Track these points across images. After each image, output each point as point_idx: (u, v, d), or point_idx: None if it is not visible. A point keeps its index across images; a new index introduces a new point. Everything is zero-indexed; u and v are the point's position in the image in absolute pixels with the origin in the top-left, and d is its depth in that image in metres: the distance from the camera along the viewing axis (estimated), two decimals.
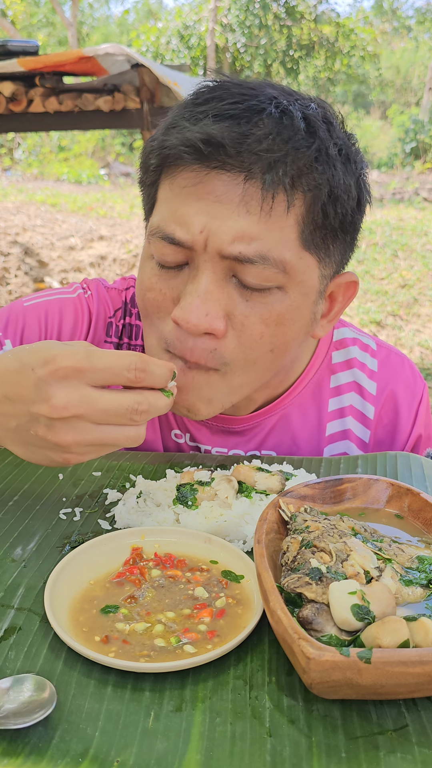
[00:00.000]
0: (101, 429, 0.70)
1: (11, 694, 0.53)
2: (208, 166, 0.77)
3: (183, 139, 0.77)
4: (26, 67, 3.70)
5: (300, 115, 0.78)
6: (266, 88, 0.81)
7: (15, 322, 1.03)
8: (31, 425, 0.70)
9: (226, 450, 1.06)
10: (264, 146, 0.75)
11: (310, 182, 0.78)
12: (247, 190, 0.76)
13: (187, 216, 0.78)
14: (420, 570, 0.62)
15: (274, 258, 0.78)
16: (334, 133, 0.82)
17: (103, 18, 30.58)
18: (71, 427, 0.69)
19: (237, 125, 0.76)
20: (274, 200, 0.77)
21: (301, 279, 0.82)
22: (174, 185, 0.80)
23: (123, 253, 7.46)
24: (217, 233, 0.77)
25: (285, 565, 0.62)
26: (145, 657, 0.57)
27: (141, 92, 3.99)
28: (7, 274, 6.81)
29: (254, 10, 16.69)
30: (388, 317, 6.41)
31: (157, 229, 0.82)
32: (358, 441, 1.08)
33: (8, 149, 16.73)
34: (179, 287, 0.83)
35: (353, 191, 0.83)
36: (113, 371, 0.69)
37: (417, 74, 25.86)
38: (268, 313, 0.82)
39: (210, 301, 0.79)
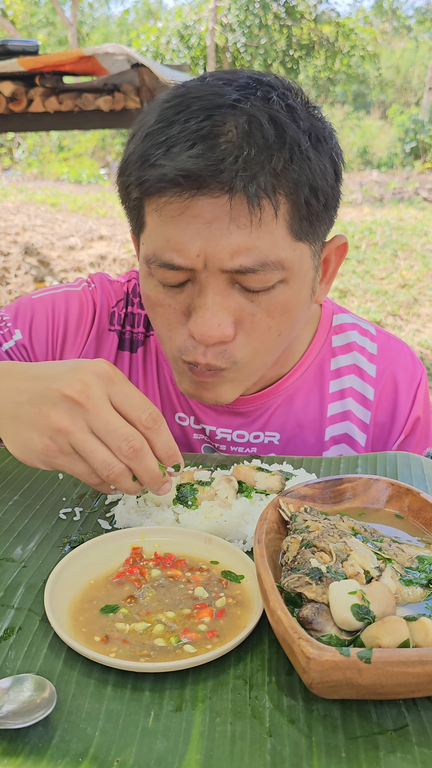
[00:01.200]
0: (91, 436, 0.71)
1: (11, 694, 0.53)
2: (191, 193, 0.78)
3: (160, 175, 0.78)
4: (26, 66, 3.70)
5: (266, 118, 0.78)
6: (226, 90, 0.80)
7: (24, 313, 1.08)
8: (40, 401, 0.73)
9: (231, 431, 1.09)
10: (240, 164, 0.76)
11: (289, 183, 0.80)
12: (234, 207, 0.78)
13: (182, 243, 0.80)
14: (420, 570, 0.62)
15: (273, 261, 0.81)
16: (299, 119, 0.82)
17: (103, 18, 30.59)
18: (71, 415, 0.71)
19: (209, 149, 0.76)
20: (262, 210, 0.78)
21: (299, 267, 0.85)
22: (161, 214, 0.81)
23: (123, 253, 7.46)
24: (214, 254, 0.79)
25: (285, 565, 0.62)
26: (145, 657, 0.57)
27: (141, 92, 3.99)
28: (7, 274, 6.80)
29: (254, 9, 16.69)
30: (388, 317, 6.41)
31: (154, 257, 0.84)
32: (359, 422, 1.11)
33: (8, 149, 16.72)
34: (186, 301, 0.86)
35: (329, 171, 0.85)
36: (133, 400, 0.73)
37: (417, 74, 25.86)
38: (274, 306, 0.85)
39: (219, 312, 0.83)
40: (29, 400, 0.74)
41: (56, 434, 0.71)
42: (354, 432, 1.10)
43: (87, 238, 7.77)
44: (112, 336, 1.11)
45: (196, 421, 1.10)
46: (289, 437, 1.10)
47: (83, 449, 0.71)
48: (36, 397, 0.74)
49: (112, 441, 0.71)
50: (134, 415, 0.72)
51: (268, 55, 17.47)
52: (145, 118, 0.84)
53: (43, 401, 0.73)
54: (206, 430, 1.09)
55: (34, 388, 0.74)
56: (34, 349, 1.07)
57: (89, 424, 0.71)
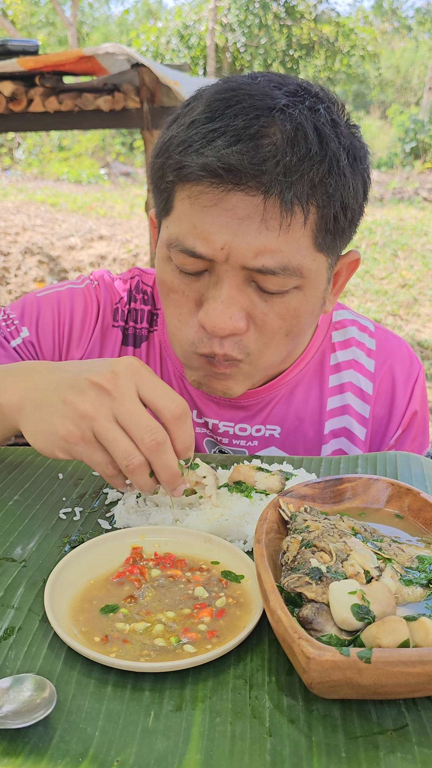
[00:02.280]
0: (114, 424, 0.72)
1: (11, 694, 0.53)
2: (227, 187, 0.79)
3: (202, 164, 0.79)
4: (26, 66, 3.70)
5: (312, 128, 0.80)
6: (276, 94, 0.82)
7: (30, 310, 1.10)
8: (68, 389, 0.74)
9: (233, 424, 1.10)
10: (281, 168, 0.78)
11: (323, 195, 0.82)
12: (267, 208, 0.79)
13: (208, 232, 0.81)
14: (420, 570, 0.62)
15: (294, 267, 0.83)
16: (341, 135, 0.84)
17: (103, 18, 30.59)
18: (97, 402, 0.72)
19: (253, 149, 0.77)
20: (293, 216, 0.80)
21: (315, 277, 0.88)
22: (193, 202, 0.82)
23: (123, 253, 7.46)
24: (239, 250, 0.81)
25: (285, 565, 0.62)
26: (145, 657, 0.57)
27: (141, 92, 3.99)
28: (7, 273, 6.80)
29: (254, 9, 16.69)
30: (388, 317, 6.41)
31: (177, 242, 0.85)
32: (357, 416, 1.12)
33: (8, 149, 16.72)
34: (201, 290, 0.87)
35: (360, 191, 0.88)
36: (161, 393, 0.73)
37: (417, 74, 25.86)
38: (286, 309, 0.87)
39: (233, 306, 0.84)
40: (56, 388, 0.75)
41: (80, 420, 0.72)
42: (353, 426, 1.12)
43: (87, 238, 7.77)
44: (116, 332, 1.12)
45: (198, 414, 1.11)
46: (290, 430, 1.11)
47: (105, 437, 0.71)
48: (64, 385, 0.75)
49: (135, 431, 0.71)
50: (162, 404, 0.73)
51: (268, 55, 17.47)
52: (192, 104, 0.86)
53: (71, 389, 0.73)
54: (209, 424, 1.11)
55: (63, 378, 0.76)
56: (41, 346, 1.09)
57: (114, 413, 0.71)
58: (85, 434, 0.72)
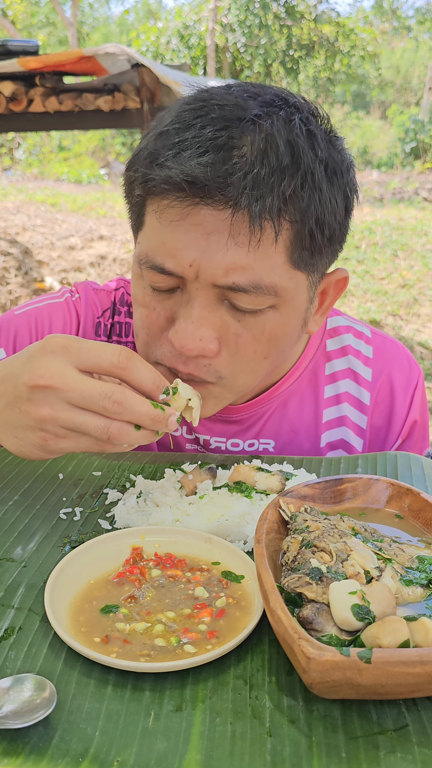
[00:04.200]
0: (75, 410, 0.71)
1: (11, 694, 0.53)
2: (194, 201, 0.77)
3: (165, 177, 0.77)
4: (26, 66, 3.70)
5: (285, 140, 0.77)
6: (250, 104, 0.79)
7: (7, 330, 1.06)
8: (16, 402, 0.73)
9: (225, 439, 1.07)
10: (249, 181, 0.75)
11: (296, 210, 0.78)
12: (235, 223, 0.77)
13: (176, 249, 0.79)
14: (420, 570, 0.62)
15: (266, 285, 0.80)
16: (318, 148, 0.80)
17: (103, 18, 30.59)
18: (47, 402, 0.71)
19: (220, 161, 0.75)
20: (263, 232, 0.77)
21: (292, 296, 0.84)
22: (161, 216, 0.80)
23: (123, 253, 7.46)
24: (208, 267, 0.78)
25: (285, 565, 0.62)
26: (145, 657, 0.57)
27: (141, 92, 3.99)
28: (7, 273, 6.81)
29: (254, 9, 16.68)
30: (388, 317, 6.41)
31: (146, 259, 0.83)
32: (355, 427, 1.09)
33: (8, 149, 16.72)
34: (173, 308, 0.85)
35: (340, 207, 0.84)
36: (96, 352, 0.71)
37: (417, 74, 25.86)
38: (260, 331, 0.84)
39: (203, 326, 0.81)
40: (6, 404, 0.74)
41: (44, 424, 0.71)
42: (350, 437, 1.09)
43: (87, 238, 7.77)
44: None
45: (188, 430, 1.08)
46: (284, 443, 1.08)
47: (74, 426, 0.71)
48: (10, 399, 0.74)
49: (94, 405, 0.70)
50: (105, 363, 0.71)
51: (268, 55, 17.46)
52: (163, 116, 0.83)
53: (18, 400, 0.73)
54: (200, 440, 1.08)
55: (6, 391, 0.75)
56: None
57: (68, 401, 0.71)
58: (57, 432, 0.72)
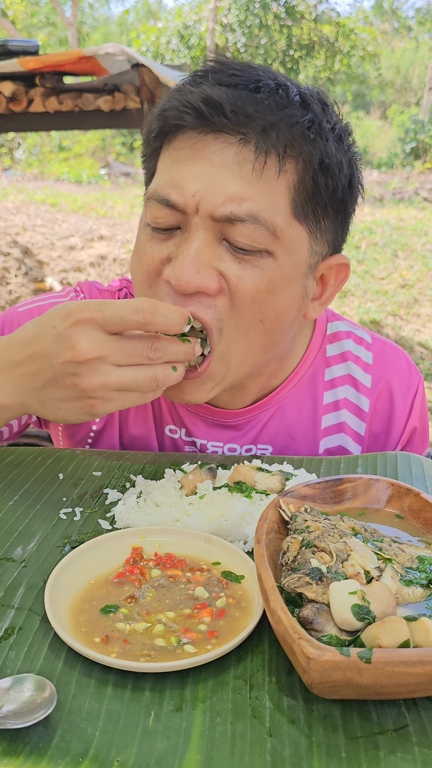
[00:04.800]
0: (122, 370, 0.75)
1: (11, 694, 0.53)
2: (206, 129, 0.81)
3: (183, 100, 0.82)
4: (26, 67, 3.70)
5: (296, 91, 0.84)
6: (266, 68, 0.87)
7: (11, 326, 1.06)
8: (59, 378, 0.76)
9: (222, 444, 1.06)
10: (259, 109, 0.80)
11: (302, 149, 0.82)
12: (241, 153, 0.81)
13: (182, 180, 0.82)
14: (420, 570, 0.62)
15: (265, 219, 0.81)
16: (328, 112, 0.87)
17: (103, 18, 30.60)
18: (96, 371, 0.75)
19: (235, 90, 0.81)
20: (266, 163, 0.81)
21: (291, 248, 0.85)
22: (172, 150, 0.85)
23: (123, 253, 7.46)
24: (209, 197, 0.81)
25: (285, 565, 0.62)
26: (146, 657, 0.57)
27: (141, 92, 3.99)
28: (7, 274, 6.80)
29: (254, 9, 16.68)
30: (388, 317, 6.41)
31: (154, 193, 0.85)
32: (353, 434, 1.08)
33: (8, 149, 16.72)
34: (171, 249, 0.86)
35: (345, 168, 0.87)
36: (121, 315, 0.74)
37: (417, 74, 25.86)
38: (260, 278, 0.84)
39: (201, 260, 0.82)
40: (45, 383, 0.78)
41: (95, 392, 0.75)
42: (348, 444, 1.08)
43: (87, 238, 7.77)
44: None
45: (187, 433, 1.07)
46: (282, 449, 1.07)
47: (125, 385, 0.75)
48: (50, 377, 0.77)
49: (140, 358, 0.75)
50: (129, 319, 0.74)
51: (268, 55, 17.46)
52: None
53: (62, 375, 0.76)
54: (197, 444, 1.07)
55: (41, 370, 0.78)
56: None
57: (114, 363, 0.75)
58: (105, 396, 0.76)
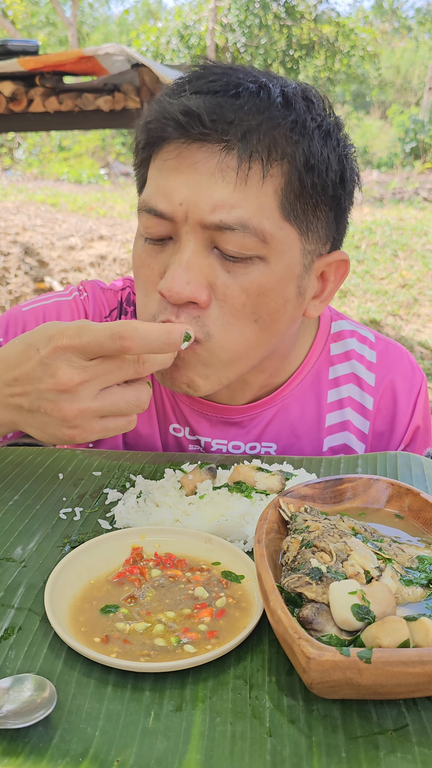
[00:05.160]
0: (103, 396, 0.73)
1: (11, 694, 0.53)
2: (188, 138, 0.81)
3: (163, 112, 0.82)
4: (26, 66, 3.70)
5: (278, 91, 0.83)
6: (248, 69, 0.86)
7: (15, 325, 1.06)
8: (41, 403, 0.74)
9: (226, 441, 1.07)
10: (238, 115, 0.80)
11: (285, 151, 0.82)
12: (224, 160, 0.80)
13: (169, 189, 0.82)
14: (420, 570, 0.62)
15: (254, 226, 0.81)
16: (313, 109, 0.85)
17: (103, 18, 30.61)
18: (76, 399, 0.72)
19: (214, 98, 0.81)
20: (250, 169, 0.80)
21: (282, 250, 0.84)
22: (158, 161, 0.85)
23: (123, 253, 7.46)
24: (196, 204, 0.80)
25: (285, 565, 0.62)
26: (145, 657, 0.57)
27: (141, 92, 3.98)
28: (7, 274, 6.80)
29: (254, 9, 16.68)
30: (388, 317, 6.41)
31: (143, 204, 0.86)
32: (357, 432, 1.09)
33: (8, 149, 16.72)
34: (165, 261, 0.86)
35: (334, 164, 0.86)
36: (99, 342, 0.71)
37: (417, 74, 25.86)
38: (249, 282, 0.83)
39: (191, 270, 0.82)
40: (30, 406, 0.76)
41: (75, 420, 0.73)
42: (352, 442, 1.09)
43: (87, 238, 7.77)
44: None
45: (191, 432, 1.08)
46: (286, 447, 1.08)
47: (117, 410, 0.74)
48: (34, 400, 0.75)
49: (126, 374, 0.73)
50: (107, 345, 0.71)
51: (268, 55, 17.46)
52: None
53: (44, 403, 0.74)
54: (201, 442, 1.07)
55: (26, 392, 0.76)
56: None
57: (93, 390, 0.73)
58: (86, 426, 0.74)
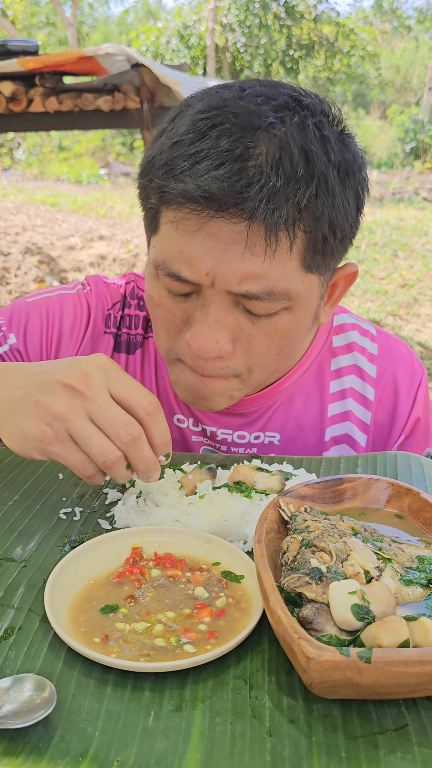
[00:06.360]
0: (89, 422, 0.72)
1: (11, 694, 0.53)
2: (209, 213, 0.77)
3: (182, 191, 0.77)
4: (26, 67, 3.70)
5: (299, 148, 0.77)
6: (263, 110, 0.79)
7: (18, 316, 1.08)
8: (38, 392, 0.74)
9: (231, 431, 1.09)
10: (264, 194, 0.75)
11: (310, 218, 0.79)
12: (251, 235, 0.77)
13: (193, 257, 0.80)
14: (420, 570, 0.62)
15: (280, 291, 0.81)
16: (332, 152, 0.80)
17: (103, 18, 30.61)
18: (69, 402, 0.72)
19: (236, 173, 0.75)
20: (278, 242, 0.78)
21: (305, 297, 0.86)
22: (177, 226, 0.81)
23: (123, 253, 7.46)
24: (224, 275, 0.80)
25: (285, 565, 0.62)
26: (145, 657, 0.57)
27: (141, 92, 3.99)
28: (7, 273, 6.80)
29: (254, 9, 16.68)
30: (388, 317, 6.41)
31: (163, 265, 0.84)
32: (359, 422, 1.11)
33: (8, 149, 16.72)
34: (188, 310, 0.87)
35: (352, 208, 0.85)
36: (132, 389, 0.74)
37: (417, 74, 25.87)
38: (273, 330, 0.86)
39: (219, 330, 0.84)
40: (26, 394, 0.75)
41: (54, 420, 0.72)
42: (354, 432, 1.10)
43: (87, 238, 7.77)
44: (107, 338, 1.10)
45: (195, 422, 1.09)
46: (289, 437, 1.09)
47: (81, 435, 0.71)
48: (34, 388, 0.75)
49: (110, 428, 0.72)
50: (135, 402, 0.73)
51: (268, 55, 17.46)
52: (176, 120, 0.83)
53: (42, 391, 0.74)
54: (207, 431, 1.09)
55: (33, 383, 0.76)
56: (28, 353, 1.07)
57: (88, 412, 0.72)
58: (59, 434, 0.72)
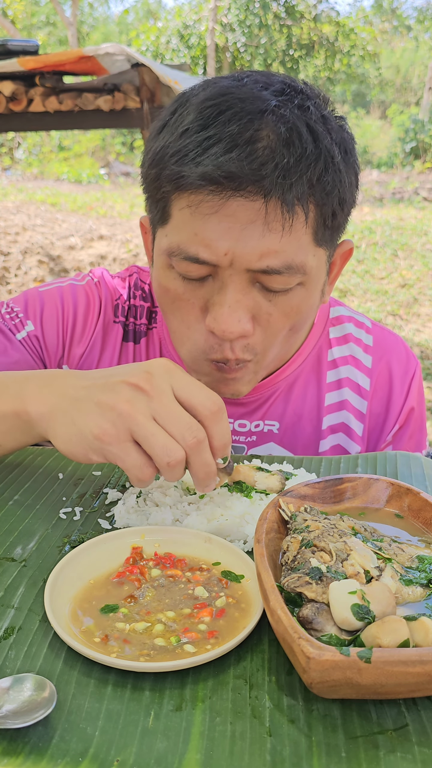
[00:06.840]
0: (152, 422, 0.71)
1: (11, 694, 0.53)
2: (227, 193, 0.79)
3: (201, 173, 0.78)
4: (26, 66, 3.70)
5: (305, 127, 0.81)
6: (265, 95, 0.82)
7: (34, 304, 1.10)
8: (99, 392, 0.73)
9: (233, 420, 1.12)
10: (279, 171, 0.78)
11: (321, 192, 0.83)
12: (269, 212, 0.80)
13: (210, 239, 0.82)
14: (420, 569, 0.62)
15: (297, 264, 0.84)
16: (332, 130, 0.85)
17: (103, 17, 30.61)
18: (133, 401, 0.71)
19: (250, 153, 0.78)
20: (295, 217, 0.81)
21: (316, 272, 0.89)
22: (193, 210, 0.82)
23: (123, 253, 7.46)
24: (243, 254, 0.82)
25: (285, 565, 0.62)
26: (145, 656, 0.57)
27: (141, 92, 3.99)
28: (7, 273, 6.80)
29: (254, 9, 16.69)
30: (388, 317, 6.41)
31: (178, 250, 0.85)
32: (355, 411, 1.14)
33: (8, 149, 16.72)
34: (205, 296, 0.88)
35: (354, 183, 0.89)
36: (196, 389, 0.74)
37: (417, 74, 25.87)
38: (289, 307, 0.89)
39: (239, 309, 0.85)
40: (87, 395, 0.74)
41: (117, 418, 0.71)
42: (350, 421, 1.13)
43: (87, 238, 7.77)
44: (117, 327, 1.13)
45: None
46: (288, 426, 1.13)
47: (144, 433, 0.70)
48: (95, 389, 0.74)
49: (176, 429, 0.71)
50: (198, 401, 0.72)
51: (268, 55, 17.46)
52: (179, 111, 0.85)
53: (104, 391, 0.73)
54: None
55: (94, 385, 0.75)
56: (45, 340, 1.09)
57: (152, 412, 0.71)
58: (120, 433, 0.71)
